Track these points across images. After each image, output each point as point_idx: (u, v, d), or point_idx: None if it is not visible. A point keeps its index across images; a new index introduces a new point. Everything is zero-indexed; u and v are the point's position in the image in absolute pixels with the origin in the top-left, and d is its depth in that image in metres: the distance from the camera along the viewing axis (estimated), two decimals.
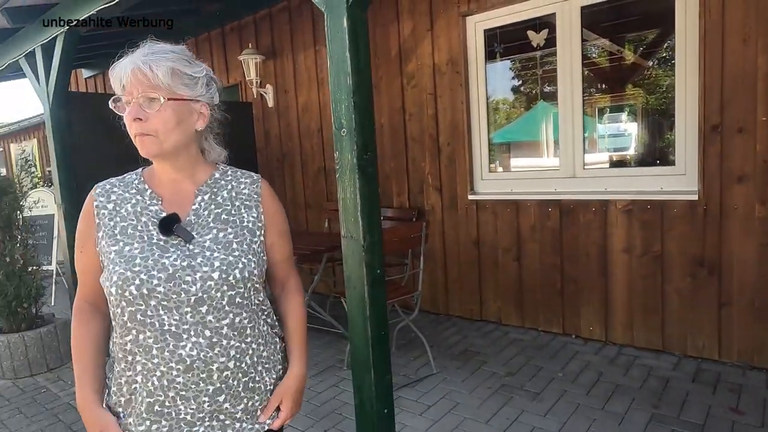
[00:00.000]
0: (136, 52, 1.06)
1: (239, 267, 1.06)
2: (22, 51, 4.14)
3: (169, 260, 1.02)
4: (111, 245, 1.05)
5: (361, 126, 1.97)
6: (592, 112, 3.65)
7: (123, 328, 1.04)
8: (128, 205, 1.09)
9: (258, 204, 1.16)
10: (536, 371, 3.10)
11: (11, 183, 3.75)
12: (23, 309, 3.61)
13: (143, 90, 1.02)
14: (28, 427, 2.89)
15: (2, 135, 11.93)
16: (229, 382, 1.06)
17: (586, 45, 3.49)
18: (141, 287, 0.99)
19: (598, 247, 3.38)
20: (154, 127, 1.03)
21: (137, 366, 1.04)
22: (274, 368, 1.18)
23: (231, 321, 1.06)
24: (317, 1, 2.02)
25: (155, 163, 1.12)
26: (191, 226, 1.08)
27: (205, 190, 1.13)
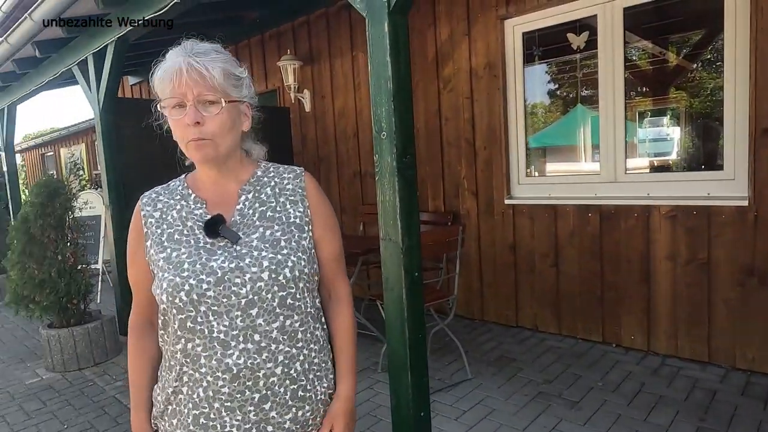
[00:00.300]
0: (178, 51, 1.00)
1: (289, 266, 1.01)
2: (75, 59, 4.35)
3: (217, 263, 0.99)
4: (159, 252, 1.03)
5: (400, 130, 1.99)
6: (634, 115, 3.55)
7: (174, 336, 1.02)
8: (174, 211, 1.07)
9: (303, 198, 1.11)
10: (574, 380, 3.04)
11: (63, 185, 3.93)
12: (73, 305, 3.77)
13: (200, 92, 0.97)
14: (77, 419, 3.02)
15: (53, 140, 12.52)
16: (275, 389, 1.00)
17: (628, 47, 3.41)
18: (191, 293, 0.96)
19: (640, 254, 3.29)
20: (211, 131, 0.99)
21: (184, 377, 1.01)
22: (326, 377, 1.10)
23: (281, 324, 1.01)
24: (359, 7, 2.05)
25: (201, 167, 1.09)
26: (237, 227, 1.04)
27: (248, 189, 1.09)
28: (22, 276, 3.62)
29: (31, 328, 4.90)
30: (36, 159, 14.29)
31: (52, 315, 3.78)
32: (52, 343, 3.74)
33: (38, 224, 3.63)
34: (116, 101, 4.20)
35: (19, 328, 5.03)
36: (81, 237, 3.97)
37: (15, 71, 5.22)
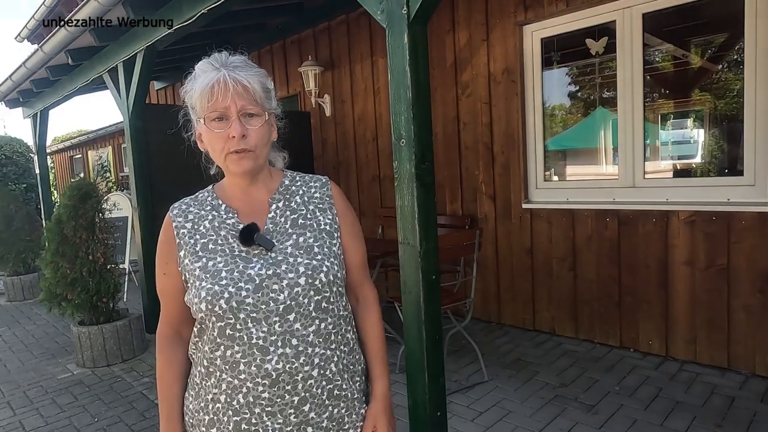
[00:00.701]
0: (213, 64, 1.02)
1: (324, 270, 1.04)
2: (105, 66, 4.52)
3: (254, 270, 1.01)
4: (194, 262, 1.03)
5: (419, 137, 2.05)
6: (654, 119, 3.55)
7: (212, 344, 1.03)
8: (206, 221, 1.08)
9: (332, 206, 1.15)
10: (591, 384, 3.05)
11: (94, 188, 4.09)
12: (102, 303, 3.92)
13: (243, 105, 0.99)
14: (106, 413, 3.15)
15: (82, 142, 12.89)
16: (313, 391, 1.03)
17: (648, 50, 3.42)
18: (230, 300, 0.98)
19: (658, 259, 3.29)
20: (254, 143, 1.02)
21: (222, 384, 1.02)
22: (356, 376, 1.14)
23: (317, 328, 1.03)
24: (380, 18, 2.12)
25: (234, 178, 1.10)
26: (270, 234, 1.07)
27: (278, 198, 1.12)
28: (55, 275, 3.78)
29: (62, 325, 5.09)
30: (65, 161, 14.72)
31: (83, 312, 3.93)
32: (83, 340, 3.89)
33: (71, 225, 3.79)
34: (144, 107, 4.35)
35: (51, 324, 5.23)
36: (110, 238, 4.12)
37: (48, 78, 5.44)
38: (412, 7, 1.97)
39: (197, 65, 1.04)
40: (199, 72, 1.03)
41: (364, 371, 1.19)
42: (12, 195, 7.04)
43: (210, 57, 1.03)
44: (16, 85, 5.97)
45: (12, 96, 6.62)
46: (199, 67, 1.03)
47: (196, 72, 1.04)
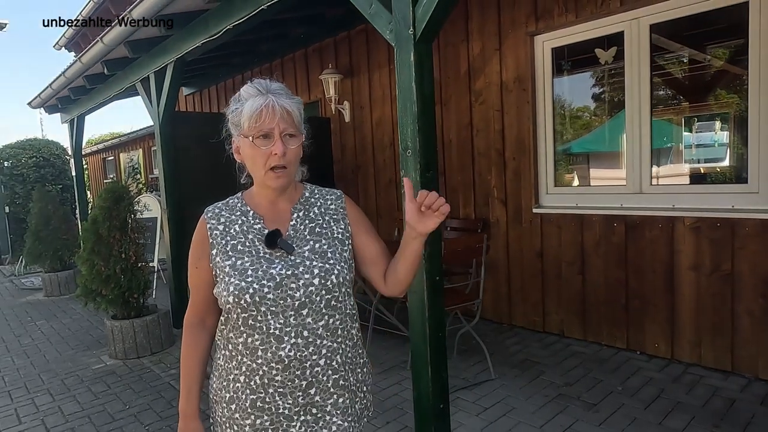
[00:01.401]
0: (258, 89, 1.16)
1: (335, 273, 1.18)
2: (138, 76, 4.80)
3: (275, 270, 1.16)
4: (225, 260, 1.18)
5: (424, 148, 2.21)
6: (659, 129, 3.63)
7: (236, 331, 1.18)
8: (236, 225, 1.23)
9: (344, 216, 1.30)
10: (595, 383, 3.15)
11: (126, 190, 4.36)
12: (134, 299, 4.18)
13: (285, 127, 1.15)
14: (136, 401, 3.39)
15: (114, 145, 13.41)
16: (319, 377, 1.17)
17: (656, 58, 3.50)
18: (254, 295, 1.13)
19: (664, 264, 3.37)
20: (290, 160, 1.17)
21: (243, 366, 1.17)
22: (355, 370, 1.27)
23: (326, 322, 1.18)
24: (389, 37, 2.29)
25: (262, 189, 1.24)
26: (291, 239, 1.21)
27: (299, 208, 1.27)
28: (91, 272, 4.05)
29: (96, 319, 5.40)
30: (98, 163, 15.32)
31: (116, 307, 4.20)
32: (115, 333, 4.16)
33: (105, 225, 4.06)
34: (174, 114, 4.61)
35: (85, 318, 5.55)
36: (141, 237, 4.38)
37: (85, 86, 5.77)
38: (418, 28, 2.13)
39: (243, 89, 1.19)
40: (245, 95, 1.17)
41: (366, 365, 1.34)
42: (50, 196, 7.43)
43: (253, 82, 1.18)
44: (55, 93, 6.34)
45: (51, 102, 7.01)
46: (246, 90, 1.18)
47: (242, 95, 1.18)
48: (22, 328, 5.37)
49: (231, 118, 1.21)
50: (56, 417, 3.22)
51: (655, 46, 3.43)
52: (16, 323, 5.57)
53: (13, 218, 9.58)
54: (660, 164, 3.67)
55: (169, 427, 2.98)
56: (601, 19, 3.53)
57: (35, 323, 5.52)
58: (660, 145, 3.68)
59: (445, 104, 4.52)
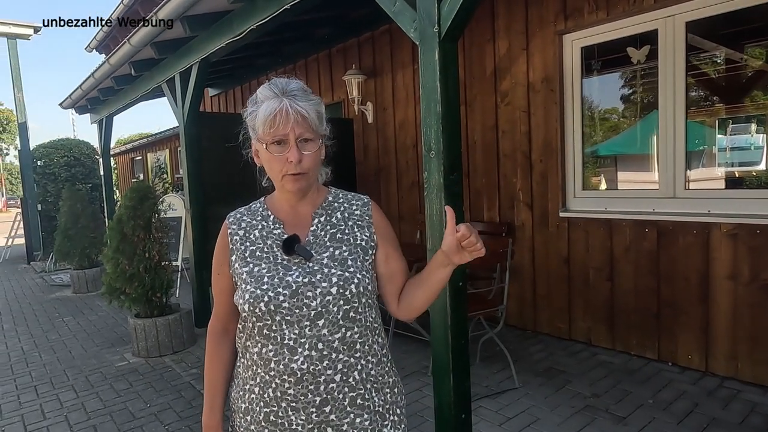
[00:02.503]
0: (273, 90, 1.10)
1: (354, 282, 1.11)
2: (164, 77, 4.85)
3: (292, 277, 1.10)
4: (243, 267, 1.15)
5: (448, 149, 2.14)
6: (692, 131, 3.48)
7: (252, 340, 1.14)
8: (256, 231, 1.19)
9: (370, 224, 1.23)
10: (624, 395, 3.03)
11: (151, 190, 4.40)
12: (157, 298, 4.21)
13: (301, 132, 1.09)
14: (157, 399, 3.40)
15: (142, 145, 13.68)
16: (334, 395, 1.10)
17: (691, 57, 3.36)
18: (269, 303, 1.08)
19: (698, 272, 3.22)
20: (307, 166, 1.12)
21: (257, 377, 1.13)
22: (382, 390, 1.18)
23: (343, 335, 1.11)
24: (413, 36, 2.23)
25: (282, 193, 1.20)
26: (310, 246, 1.16)
27: (320, 213, 1.21)
28: (116, 270, 4.10)
29: (120, 316, 5.47)
30: (126, 162, 15.65)
31: (139, 306, 4.24)
32: (138, 331, 4.19)
33: (130, 225, 4.10)
34: (198, 115, 4.64)
35: (110, 316, 5.63)
36: (164, 236, 4.42)
37: (113, 87, 5.87)
38: (443, 25, 2.07)
39: (259, 90, 1.13)
40: (261, 97, 1.12)
41: (397, 384, 1.23)
42: (79, 194, 7.59)
43: (270, 83, 1.12)
44: (85, 94, 6.47)
45: (81, 103, 7.17)
46: (261, 92, 1.12)
47: (258, 97, 1.13)
48: (50, 324, 5.48)
49: (248, 122, 1.16)
50: (79, 414, 3.26)
51: (690, 45, 3.29)
52: (44, 319, 5.69)
53: (45, 216, 9.83)
54: (692, 167, 3.52)
55: (188, 427, 2.98)
56: (634, 17, 3.40)
57: (63, 319, 5.63)
58: (693, 148, 3.53)
59: (469, 105, 4.44)
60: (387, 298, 1.24)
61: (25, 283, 8.03)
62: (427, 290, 1.16)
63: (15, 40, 9.72)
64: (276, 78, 1.14)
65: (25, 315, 5.94)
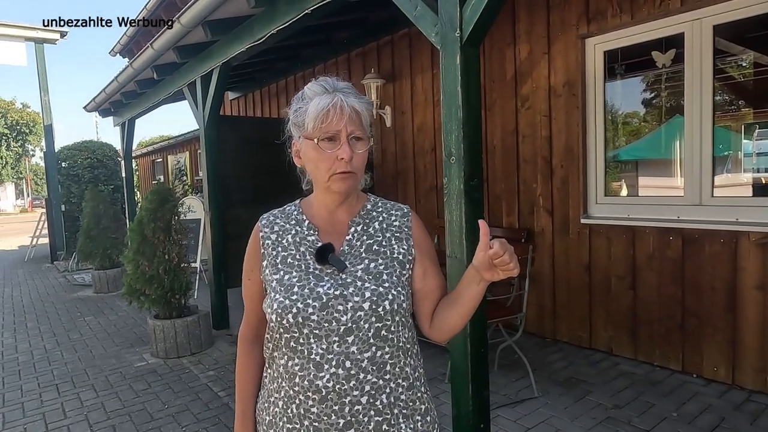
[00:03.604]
0: (324, 87, 1.05)
1: (389, 298, 1.05)
2: (185, 81, 4.90)
3: (323, 289, 1.05)
4: (273, 274, 1.10)
5: (469, 155, 2.11)
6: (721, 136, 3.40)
7: (279, 352, 1.10)
8: (289, 235, 1.14)
9: (409, 237, 1.16)
10: (647, 407, 2.95)
11: (171, 193, 4.45)
12: (175, 299, 4.25)
13: (353, 130, 1.04)
14: (175, 401, 3.42)
15: (163, 147, 13.88)
16: (359, 418, 1.03)
17: (718, 60, 3.28)
18: (297, 315, 1.03)
19: (725, 282, 3.13)
20: (357, 166, 1.07)
21: (282, 391, 1.08)
22: (412, 417, 1.10)
23: (372, 354, 1.04)
24: (434, 40, 2.21)
25: (322, 196, 1.14)
26: (344, 256, 1.10)
27: (358, 221, 1.15)
28: (136, 271, 4.15)
29: (140, 317, 5.54)
30: (147, 164, 15.90)
31: (158, 307, 4.28)
32: (157, 332, 4.23)
33: (150, 227, 4.15)
34: (218, 118, 4.68)
35: (130, 316, 5.71)
36: (184, 238, 4.46)
37: (136, 90, 5.97)
38: (465, 30, 2.04)
39: (307, 86, 1.08)
40: (310, 93, 1.06)
41: (429, 412, 1.15)
42: (101, 196, 7.74)
43: (319, 80, 1.08)
44: (108, 97, 6.59)
45: (105, 106, 7.30)
46: (310, 88, 1.07)
47: (306, 93, 1.07)
48: (71, 323, 5.57)
49: (293, 119, 1.10)
50: (99, 413, 3.29)
51: (717, 49, 3.21)
52: (66, 318, 5.79)
53: (68, 216, 10.03)
54: (718, 173, 3.43)
55: (205, 429, 2.99)
56: (660, 20, 3.34)
57: (84, 319, 5.72)
58: (718, 153, 3.45)
59: (489, 109, 4.40)
60: (421, 318, 1.17)
61: (49, 283, 8.19)
62: (460, 309, 1.09)
63: (42, 44, 9.95)
64: (323, 76, 1.09)
65: (48, 314, 6.05)
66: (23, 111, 44.56)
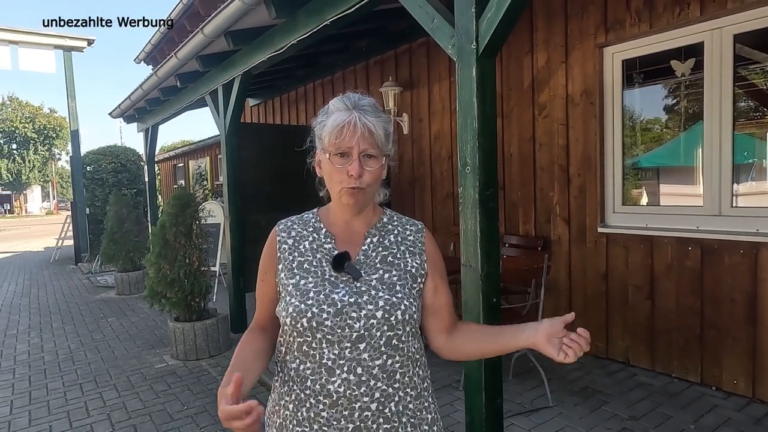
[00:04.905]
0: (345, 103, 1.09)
1: (401, 309, 1.08)
2: (207, 89, 5.02)
3: (338, 295, 1.08)
4: (289, 278, 1.13)
5: (484, 165, 2.14)
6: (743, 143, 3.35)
7: (291, 355, 1.12)
8: (306, 242, 1.17)
9: (422, 252, 1.20)
10: (664, 419, 2.93)
11: (193, 197, 4.55)
12: (195, 303, 4.34)
13: (365, 148, 1.07)
14: (194, 402, 3.50)
15: (185, 152, 14.15)
16: (368, 424, 1.06)
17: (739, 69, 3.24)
18: (311, 320, 1.05)
19: (745, 293, 3.09)
20: (367, 182, 1.09)
21: (292, 394, 1.10)
22: (420, 426, 1.13)
23: (383, 362, 1.07)
24: (450, 52, 2.25)
25: (338, 206, 1.17)
26: (360, 265, 1.13)
27: (374, 233, 1.18)
28: (158, 275, 4.25)
29: (161, 319, 5.66)
30: (169, 169, 16.21)
31: (179, 310, 4.37)
32: (177, 335, 4.33)
33: (172, 231, 4.25)
34: (239, 126, 4.78)
35: (151, 318, 5.83)
36: (204, 243, 4.55)
37: (159, 98, 6.12)
38: (481, 42, 2.08)
39: (331, 101, 1.13)
40: (332, 108, 1.11)
41: (436, 422, 1.19)
42: (124, 200, 7.92)
43: (344, 96, 1.12)
44: (133, 104, 6.76)
45: (129, 113, 7.49)
46: (333, 104, 1.12)
47: (329, 107, 1.12)
48: (95, 324, 5.72)
49: (316, 131, 1.15)
50: (121, 413, 3.38)
51: (738, 56, 3.18)
52: (90, 319, 5.95)
53: (92, 219, 10.28)
54: (740, 182, 3.39)
55: (223, 431, 3.05)
56: (679, 29, 3.32)
57: (107, 320, 5.86)
58: (740, 161, 3.40)
59: (506, 117, 4.41)
60: (430, 333, 1.20)
61: (73, 284, 8.41)
62: (485, 349, 1.15)
63: (70, 52, 10.26)
64: (349, 92, 1.14)
65: (72, 314, 6.22)
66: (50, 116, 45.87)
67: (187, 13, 6.92)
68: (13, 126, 43.59)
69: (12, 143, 44.67)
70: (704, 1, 3.13)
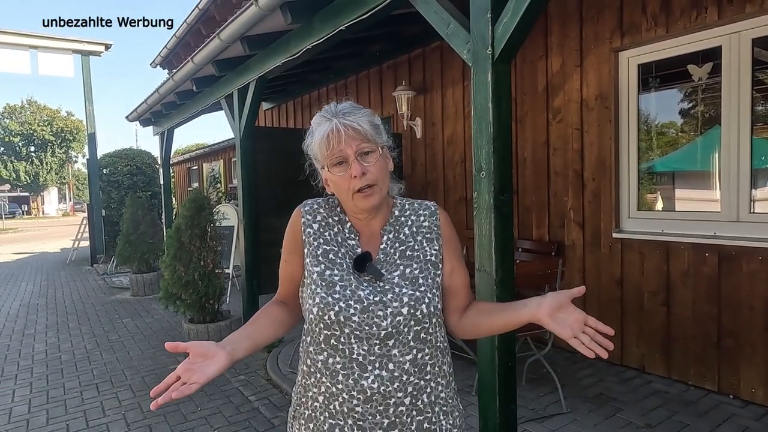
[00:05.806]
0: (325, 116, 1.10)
1: (426, 302, 1.09)
2: (223, 93, 5.08)
3: (363, 293, 1.08)
4: (314, 266, 1.12)
5: (498, 170, 2.14)
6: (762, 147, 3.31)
7: (317, 347, 1.11)
8: (331, 231, 1.16)
9: (438, 236, 1.18)
10: (680, 428, 2.89)
11: (207, 201, 4.61)
12: (209, 304, 4.39)
13: (358, 145, 1.08)
14: (208, 403, 3.52)
15: (199, 155, 14.29)
16: (402, 418, 1.07)
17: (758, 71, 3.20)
18: (339, 314, 1.06)
19: (764, 301, 3.05)
20: (375, 177, 1.09)
21: (321, 387, 1.10)
22: (452, 414, 1.15)
23: (414, 357, 1.08)
24: (466, 57, 2.25)
25: (356, 213, 1.17)
26: (380, 264, 1.14)
27: (389, 230, 1.18)
28: (173, 276, 4.31)
29: (175, 320, 5.72)
30: (183, 172, 16.37)
31: (193, 311, 4.42)
32: (191, 336, 4.37)
33: (187, 234, 4.30)
34: (254, 129, 4.82)
35: (165, 319, 5.89)
36: (218, 245, 4.60)
37: (175, 102, 6.20)
38: (497, 47, 2.08)
39: (313, 120, 1.14)
40: (315, 126, 1.13)
41: (458, 407, 1.20)
42: (140, 202, 8.02)
43: (322, 110, 1.13)
44: (149, 108, 6.86)
45: (146, 116, 7.59)
46: (315, 121, 1.13)
47: (312, 127, 1.13)
48: (110, 324, 5.79)
49: (309, 153, 1.16)
50: (136, 413, 3.42)
51: (756, 60, 3.14)
52: (105, 319, 6.03)
53: (108, 221, 10.43)
54: (758, 187, 3.34)
55: None
56: (696, 33, 3.29)
57: (122, 321, 5.94)
58: (758, 166, 3.36)
59: (520, 121, 4.40)
60: (448, 312, 1.19)
61: (89, 285, 8.53)
62: (495, 324, 1.13)
63: (88, 56, 10.43)
64: (327, 105, 1.15)
65: (89, 315, 6.31)
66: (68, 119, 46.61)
67: (203, 18, 7.02)
68: (31, 129, 44.38)
69: (30, 146, 45.47)
70: (722, 5, 3.10)
